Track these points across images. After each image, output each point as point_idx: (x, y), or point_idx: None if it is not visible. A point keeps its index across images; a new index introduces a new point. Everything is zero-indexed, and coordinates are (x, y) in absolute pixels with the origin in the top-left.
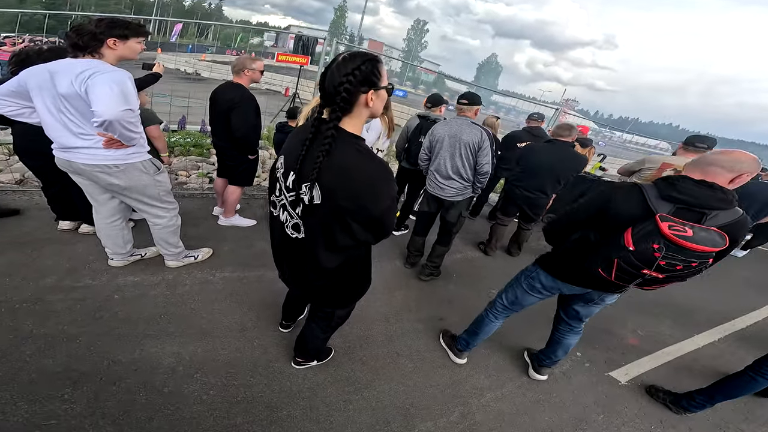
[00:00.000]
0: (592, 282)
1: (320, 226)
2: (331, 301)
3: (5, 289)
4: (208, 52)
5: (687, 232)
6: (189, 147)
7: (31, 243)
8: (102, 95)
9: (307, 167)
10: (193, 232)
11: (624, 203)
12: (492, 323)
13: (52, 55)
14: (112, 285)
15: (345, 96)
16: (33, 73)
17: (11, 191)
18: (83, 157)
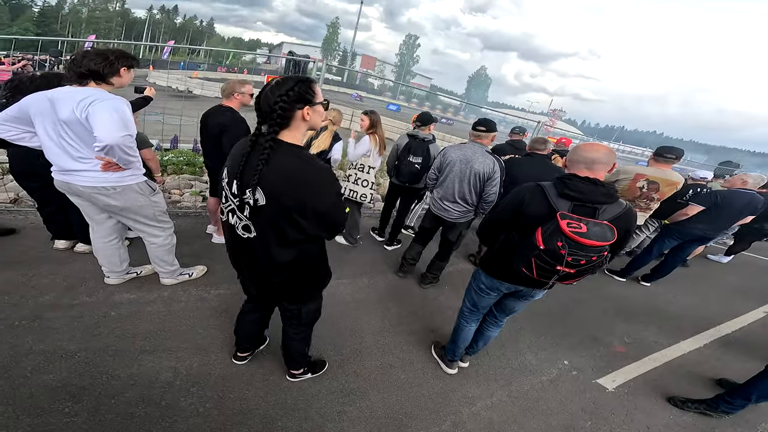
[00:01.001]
0: (522, 279)
1: (269, 224)
2: (292, 296)
3: (4, 307)
4: (200, 69)
5: (582, 228)
6: (182, 165)
7: (28, 262)
8: (103, 122)
9: (247, 174)
10: (188, 249)
11: (533, 203)
12: (466, 328)
13: (43, 82)
14: (108, 302)
15: (280, 113)
16: (34, 101)
17: (6, 211)
18: (82, 179)
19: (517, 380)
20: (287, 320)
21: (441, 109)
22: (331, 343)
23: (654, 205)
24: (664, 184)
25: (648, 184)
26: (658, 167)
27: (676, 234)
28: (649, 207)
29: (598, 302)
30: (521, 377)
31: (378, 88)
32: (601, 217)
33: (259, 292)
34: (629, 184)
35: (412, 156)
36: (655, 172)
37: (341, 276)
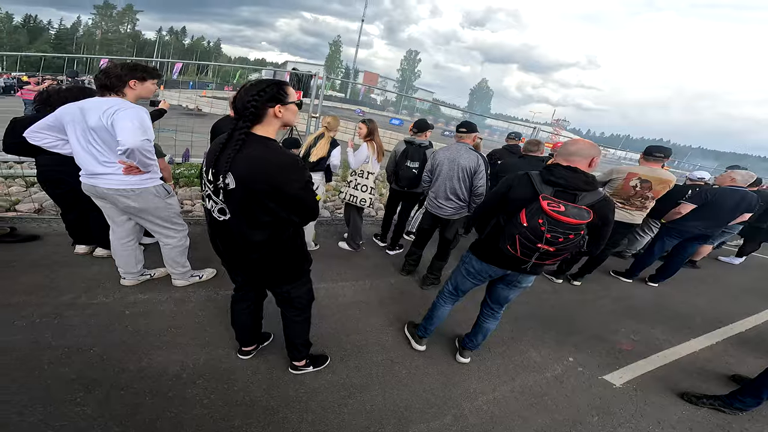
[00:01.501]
0: (507, 261)
1: (241, 207)
2: (272, 278)
3: (27, 306)
4: (209, 88)
5: (561, 208)
6: (193, 178)
7: (50, 265)
8: (125, 127)
9: (221, 162)
10: (198, 254)
11: (519, 188)
12: (442, 307)
13: (69, 94)
14: (123, 302)
15: (252, 110)
16: (67, 111)
17: (31, 219)
18: (106, 182)
19: (520, 376)
20: (282, 304)
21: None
22: (333, 340)
23: (650, 203)
24: (656, 182)
25: (641, 183)
26: (649, 166)
27: (674, 233)
28: (645, 206)
29: (603, 302)
30: (525, 373)
31: (381, 104)
32: (580, 202)
33: (240, 275)
34: (623, 183)
35: (409, 161)
36: (646, 170)
37: (344, 279)
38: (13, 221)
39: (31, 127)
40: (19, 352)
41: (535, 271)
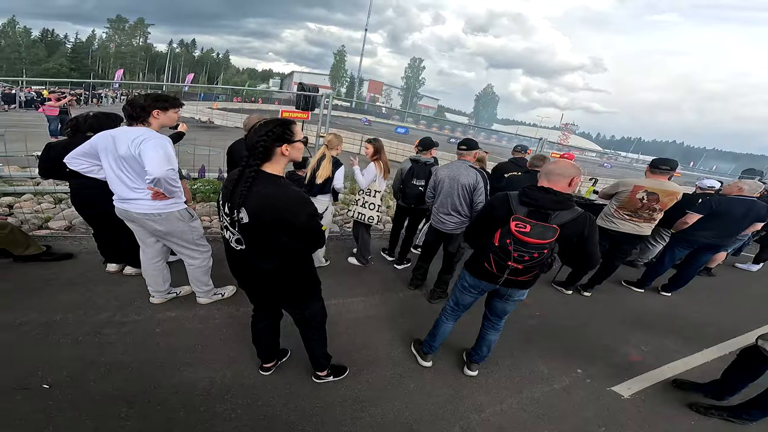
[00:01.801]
0: (489, 275)
1: (253, 239)
2: (286, 301)
3: (70, 324)
4: (219, 100)
5: (526, 228)
6: (209, 194)
7: (86, 283)
8: (152, 158)
9: (235, 197)
10: (218, 271)
11: (499, 208)
12: (444, 324)
13: (95, 120)
14: (154, 320)
15: (261, 150)
16: (101, 138)
17: (62, 237)
18: (136, 206)
19: (528, 388)
20: (299, 324)
21: (450, 129)
22: (346, 355)
23: (657, 215)
24: (663, 195)
25: (647, 195)
26: (655, 178)
27: (684, 242)
28: (653, 218)
29: (613, 313)
30: (532, 385)
31: (386, 112)
32: (552, 221)
33: (257, 298)
34: (629, 196)
35: (415, 179)
36: (652, 183)
37: (355, 294)
38: (47, 239)
39: (70, 154)
40: (67, 370)
41: (524, 285)
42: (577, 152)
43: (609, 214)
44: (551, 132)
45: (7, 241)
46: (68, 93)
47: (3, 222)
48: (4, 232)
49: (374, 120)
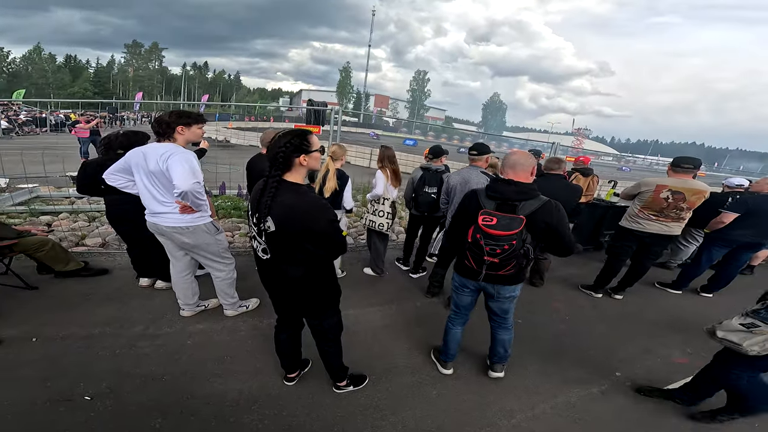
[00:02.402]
0: (471, 272)
1: (279, 246)
2: (309, 309)
3: (108, 337)
4: (233, 119)
5: (492, 221)
6: (230, 210)
7: (121, 298)
8: (179, 172)
9: (261, 207)
10: (242, 285)
11: (470, 205)
12: (452, 329)
13: (125, 139)
14: (185, 332)
15: (281, 161)
16: (133, 155)
17: (98, 254)
18: (165, 220)
19: (562, 393)
20: (317, 336)
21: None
22: (364, 365)
23: (686, 214)
24: (689, 194)
25: (672, 195)
26: (679, 177)
27: (720, 242)
28: (681, 217)
29: (647, 315)
30: (567, 389)
31: (393, 125)
32: (520, 212)
33: (282, 307)
34: (653, 196)
35: (427, 187)
36: (676, 182)
37: (371, 304)
38: (84, 256)
39: (108, 170)
40: (106, 382)
41: (509, 280)
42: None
43: (633, 215)
44: (564, 137)
45: (48, 258)
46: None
47: (45, 238)
48: (46, 249)
49: (382, 134)
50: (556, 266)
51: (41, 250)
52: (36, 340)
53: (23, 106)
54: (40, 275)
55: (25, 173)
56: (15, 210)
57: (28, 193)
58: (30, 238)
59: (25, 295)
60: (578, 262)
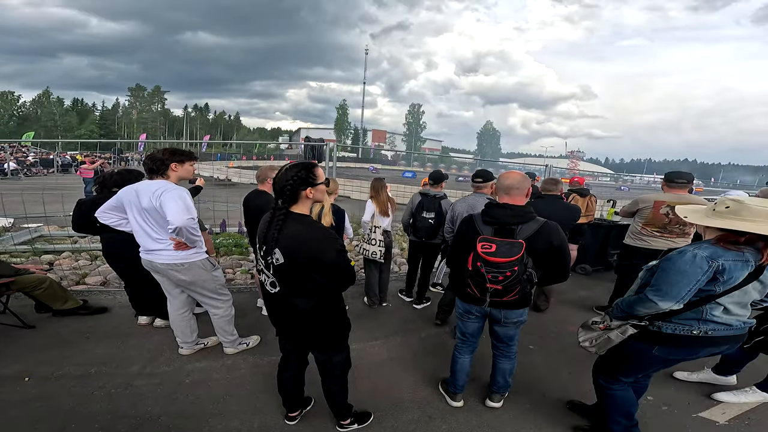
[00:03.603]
0: (475, 299)
1: (288, 279)
2: (319, 343)
3: (104, 376)
4: (234, 158)
5: (492, 248)
6: (231, 247)
7: (119, 336)
8: (173, 208)
9: (269, 239)
10: (243, 322)
11: (468, 231)
12: (460, 358)
13: (119, 177)
14: (183, 371)
15: (288, 193)
16: (126, 193)
17: (98, 292)
18: (159, 257)
19: (585, 421)
20: (323, 372)
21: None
22: (368, 401)
23: (689, 229)
24: None
25: (672, 210)
26: (675, 192)
27: None
28: (685, 232)
29: None
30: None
31: (392, 158)
32: (518, 236)
33: (290, 342)
34: (653, 212)
35: (425, 212)
36: (672, 197)
37: (375, 337)
38: (84, 294)
39: (100, 208)
40: (100, 423)
41: (518, 305)
42: (590, 177)
43: (636, 233)
44: (558, 161)
45: (46, 296)
46: (100, 156)
47: (43, 277)
48: (44, 287)
49: (381, 167)
50: (566, 289)
51: (39, 288)
52: (29, 379)
53: (32, 148)
54: (38, 314)
55: (26, 213)
56: (17, 249)
57: (30, 233)
58: (28, 276)
59: (22, 333)
60: (588, 283)
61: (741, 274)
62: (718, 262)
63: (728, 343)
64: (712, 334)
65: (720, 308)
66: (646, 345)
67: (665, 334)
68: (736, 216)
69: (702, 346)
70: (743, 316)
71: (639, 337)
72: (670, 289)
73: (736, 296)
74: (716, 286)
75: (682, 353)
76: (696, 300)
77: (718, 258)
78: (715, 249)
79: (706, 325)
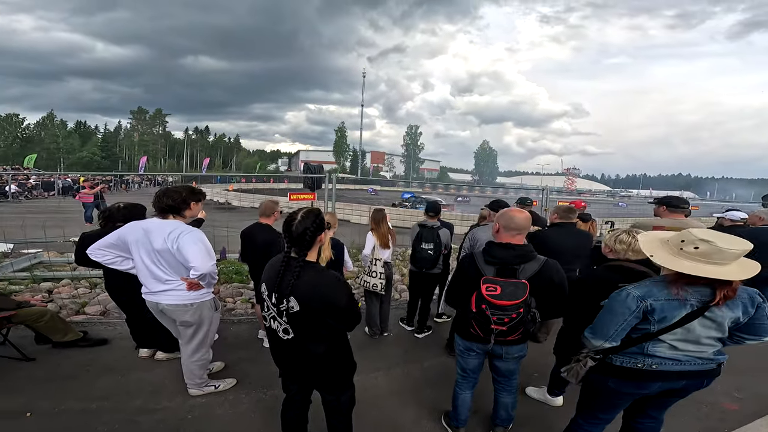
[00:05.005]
0: (478, 338)
1: (303, 325)
2: (328, 385)
3: (106, 412)
4: (234, 181)
5: (497, 290)
6: (231, 275)
7: (120, 369)
8: (196, 253)
9: (283, 287)
10: (245, 354)
11: (470, 270)
12: (461, 394)
13: (126, 212)
14: (185, 406)
15: (308, 240)
16: (131, 230)
17: (98, 322)
18: (168, 298)
19: None
20: (330, 411)
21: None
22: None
23: None
24: None
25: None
26: (674, 217)
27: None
28: None
29: None
30: None
31: (391, 179)
32: (521, 275)
33: (297, 383)
34: None
35: (424, 243)
36: (672, 222)
37: (376, 368)
38: (84, 325)
39: (94, 245)
40: None
41: (518, 341)
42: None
43: None
44: (555, 178)
45: (47, 328)
46: (100, 180)
47: (43, 310)
48: (45, 319)
49: (380, 189)
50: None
51: (40, 320)
52: (30, 414)
53: (33, 170)
54: (38, 345)
55: (26, 238)
56: (16, 276)
57: (30, 259)
58: (29, 309)
59: (22, 366)
60: None
61: (677, 313)
62: (647, 302)
63: (686, 379)
64: (659, 369)
65: (663, 344)
66: (602, 377)
67: (615, 366)
68: (705, 259)
69: (651, 380)
70: (698, 352)
71: (597, 370)
72: (601, 328)
73: (679, 334)
74: (650, 325)
75: (631, 386)
76: (637, 337)
77: (648, 298)
78: (650, 288)
79: (650, 359)
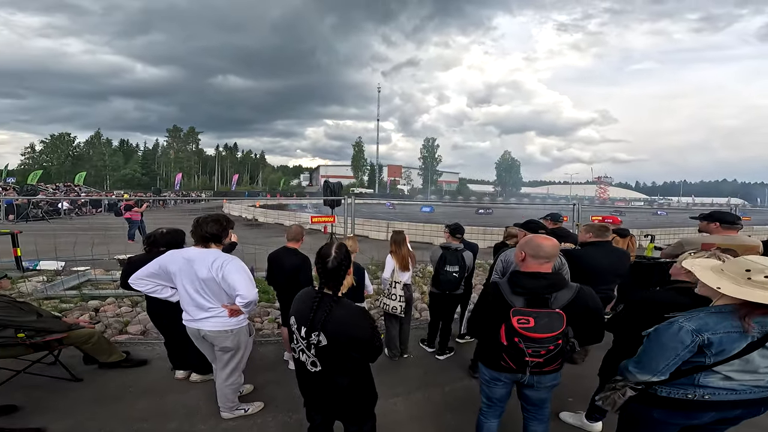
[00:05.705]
0: (510, 370)
1: (330, 358)
2: (352, 415)
3: None
4: (260, 197)
5: (530, 323)
6: (258, 294)
7: (158, 390)
8: (241, 282)
9: (315, 322)
10: (272, 376)
11: (494, 301)
12: (485, 424)
13: (169, 236)
14: (218, 429)
15: (342, 275)
16: (173, 260)
17: (138, 342)
18: (210, 324)
19: None
20: None
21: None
22: None
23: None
24: (742, 250)
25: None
26: (726, 234)
27: None
28: None
29: None
30: None
31: (408, 193)
32: (554, 305)
33: (322, 414)
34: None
35: (448, 266)
36: (724, 239)
37: (396, 393)
38: (126, 345)
39: (136, 274)
40: None
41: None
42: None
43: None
44: (586, 187)
45: (94, 350)
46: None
47: (92, 331)
48: (93, 341)
49: (398, 203)
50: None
51: (88, 342)
52: None
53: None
54: (86, 365)
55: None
56: (66, 294)
57: (78, 277)
58: (79, 331)
59: (71, 386)
60: None
61: (737, 345)
62: (703, 336)
63: (741, 408)
64: (711, 399)
65: (716, 375)
66: (645, 408)
67: (660, 397)
68: None
69: (703, 410)
70: (755, 381)
71: (638, 399)
72: (649, 362)
73: (736, 365)
74: (705, 358)
75: (681, 417)
76: (686, 369)
77: (705, 332)
78: (704, 320)
79: (702, 390)
